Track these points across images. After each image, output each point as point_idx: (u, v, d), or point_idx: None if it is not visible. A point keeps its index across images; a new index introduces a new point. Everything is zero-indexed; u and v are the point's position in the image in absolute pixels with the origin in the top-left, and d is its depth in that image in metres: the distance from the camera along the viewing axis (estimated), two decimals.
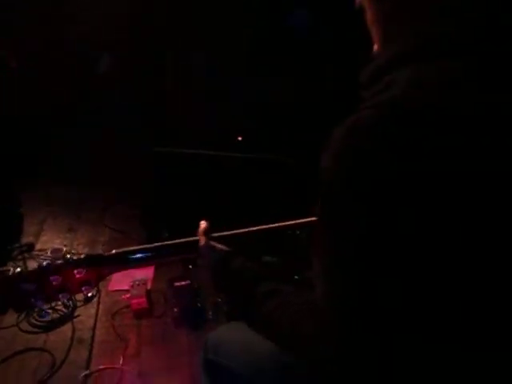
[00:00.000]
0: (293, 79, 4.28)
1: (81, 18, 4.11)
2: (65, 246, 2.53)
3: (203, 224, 0.93)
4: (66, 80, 4.04)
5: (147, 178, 2.76)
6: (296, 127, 3.52)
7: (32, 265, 2.28)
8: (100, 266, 0.90)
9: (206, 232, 0.92)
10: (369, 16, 0.64)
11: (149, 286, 2.19)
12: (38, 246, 2.53)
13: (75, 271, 0.91)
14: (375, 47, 0.64)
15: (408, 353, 0.51)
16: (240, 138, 3.19)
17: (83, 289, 0.93)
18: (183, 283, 2.13)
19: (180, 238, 2.67)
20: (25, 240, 2.54)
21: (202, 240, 0.91)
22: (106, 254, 0.94)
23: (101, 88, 3.96)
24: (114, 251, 0.94)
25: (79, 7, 4.09)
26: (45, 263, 0.91)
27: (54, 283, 0.90)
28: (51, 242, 2.60)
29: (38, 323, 2.00)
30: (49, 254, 2.36)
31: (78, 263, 0.91)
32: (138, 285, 2.11)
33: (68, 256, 0.92)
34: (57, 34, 4.12)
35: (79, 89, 4.10)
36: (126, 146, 3.28)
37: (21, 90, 3.47)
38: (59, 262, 0.91)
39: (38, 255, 2.42)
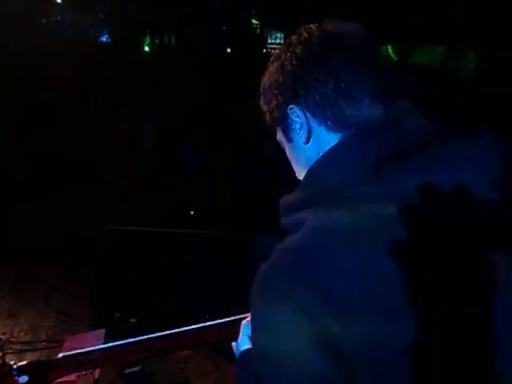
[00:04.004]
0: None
1: None
2: (4, 334, 2.35)
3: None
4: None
5: (96, 255, 2.70)
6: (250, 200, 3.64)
7: None
8: (46, 373, 0.87)
9: None
10: (286, 150, 0.77)
11: (96, 375, 2.06)
12: None
13: (18, 379, 0.88)
14: (296, 173, 0.76)
15: None
16: (192, 213, 3.24)
17: None
18: (134, 369, 2.04)
19: (131, 318, 2.56)
20: None
21: None
22: (54, 358, 0.91)
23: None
24: (60, 355, 0.91)
25: None
26: None
27: None
28: None
29: None
30: None
31: (22, 370, 0.87)
32: (85, 375, 1.99)
33: (12, 362, 0.88)
34: None
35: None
36: (73, 223, 3.22)
37: None
38: (2, 369, 0.87)
39: None
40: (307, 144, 0.71)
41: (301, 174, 0.76)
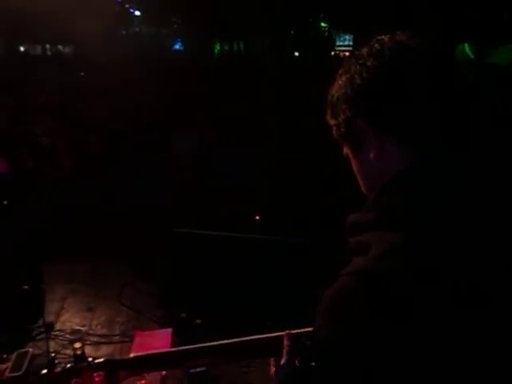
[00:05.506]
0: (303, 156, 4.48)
1: None
2: (83, 326, 2.55)
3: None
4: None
5: (166, 257, 2.82)
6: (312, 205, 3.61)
7: (52, 346, 2.31)
8: (119, 371, 0.93)
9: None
10: (353, 166, 0.74)
11: (164, 372, 2.15)
12: (57, 326, 2.56)
13: (95, 374, 0.94)
14: (363, 189, 0.74)
15: None
16: (258, 218, 3.28)
17: None
18: (199, 370, 2.10)
19: (197, 319, 2.64)
20: (46, 318, 2.57)
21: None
22: (126, 358, 0.97)
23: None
24: (132, 355, 0.97)
25: None
26: (68, 365, 0.94)
27: None
28: (70, 321, 2.63)
29: None
30: (68, 335, 2.40)
31: (98, 367, 0.94)
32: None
33: (90, 359, 0.95)
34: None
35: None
36: (146, 225, 3.41)
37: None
38: (81, 364, 0.94)
39: (57, 336, 2.44)
40: (376, 161, 0.69)
41: (368, 191, 0.74)
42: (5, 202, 3.43)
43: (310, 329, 0.90)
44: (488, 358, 0.55)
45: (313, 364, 0.75)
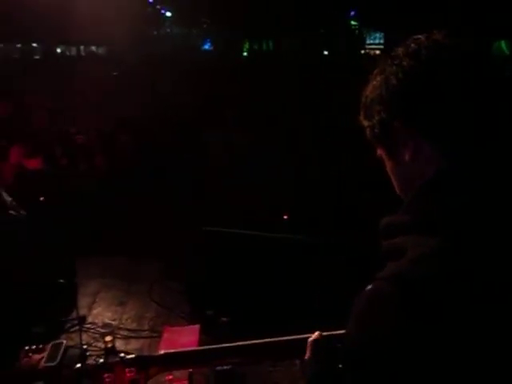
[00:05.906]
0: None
1: None
2: (114, 320, 2.62)
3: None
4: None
5: (195, 255, 2.86)
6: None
7: (84, 338, 2.38)
8: (149, 367, 0.95)
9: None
10: (387, 167, 0.73)
11: (191, 368, 2.18)
12: (89, 319, 2.63)
13: (127, 370, 0.97)
14: (397, 190, 0.73)
15: None
16: (286, 217, 3.28)
17: None
18: (226, 368, 2.11)
19: (223, 317, 2.66)
20: (79, 311, 2.64)
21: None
22: (156, 354, 0.98)
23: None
24: (162, 352, 0.99)
25: None
26: (101, 360, 0.97)
27: (107, 380, 0.96)
28: (102, 315, 2.70)
29: None
30: (99, 329, 2.47)
31: (130, 363, 0.96)
32: None
33: (122, 355, 0.97)
34: None
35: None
36: (175, 223, 3.46)
37: None
38: (114, 360, 0.97)
39: (89, 328, 2.51)
40: (411, 162, 0.68)
41: (402, 192, 0.72)
42: (41, 198, 3.57)
43: (341, 331, 0.89)
44: None
45: (340, 366, 0.74)
